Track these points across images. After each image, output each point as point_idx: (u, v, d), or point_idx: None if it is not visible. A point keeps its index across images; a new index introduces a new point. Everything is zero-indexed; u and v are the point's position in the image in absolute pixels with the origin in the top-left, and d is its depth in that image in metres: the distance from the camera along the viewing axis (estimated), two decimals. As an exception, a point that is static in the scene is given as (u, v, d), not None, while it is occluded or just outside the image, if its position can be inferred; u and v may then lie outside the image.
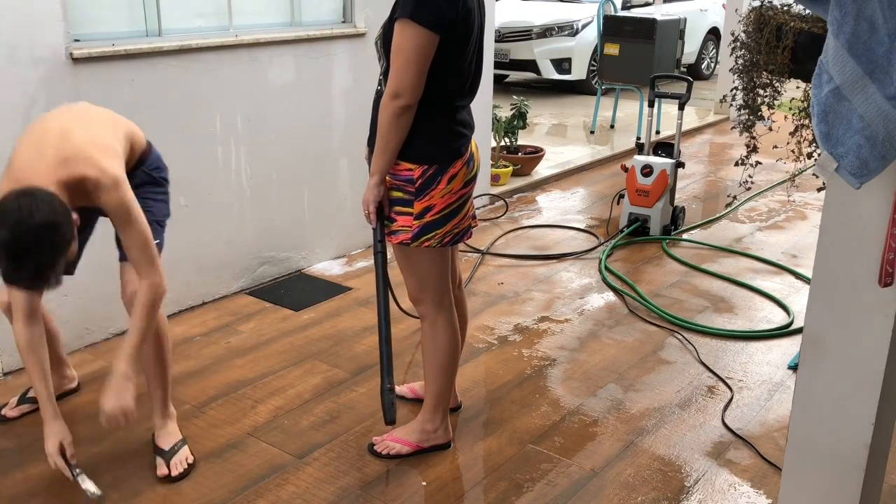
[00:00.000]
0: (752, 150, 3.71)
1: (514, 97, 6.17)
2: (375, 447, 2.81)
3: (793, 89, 3.43)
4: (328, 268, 4.45)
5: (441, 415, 2.80)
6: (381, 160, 2.52)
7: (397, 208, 2.57)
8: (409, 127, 2.42)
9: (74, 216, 2.27)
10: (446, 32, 2.34)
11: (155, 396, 2.79)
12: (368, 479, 2.68)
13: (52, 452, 2.50)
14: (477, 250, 4.70)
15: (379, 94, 2.52)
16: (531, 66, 9.66)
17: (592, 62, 9.53)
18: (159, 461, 2.70)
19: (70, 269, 2.61)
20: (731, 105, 3.81)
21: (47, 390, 2.54)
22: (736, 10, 4.77)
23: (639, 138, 6.87)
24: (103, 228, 3.49)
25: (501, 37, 9.41)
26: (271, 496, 2.59)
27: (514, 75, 10.12)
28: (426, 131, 2.47)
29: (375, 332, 3.68)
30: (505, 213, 5.42)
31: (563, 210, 5.59)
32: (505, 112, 6.06)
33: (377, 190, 2.58)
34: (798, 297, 4.09)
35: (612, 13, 8.24)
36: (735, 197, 5.23)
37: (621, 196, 5.13)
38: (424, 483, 2.67)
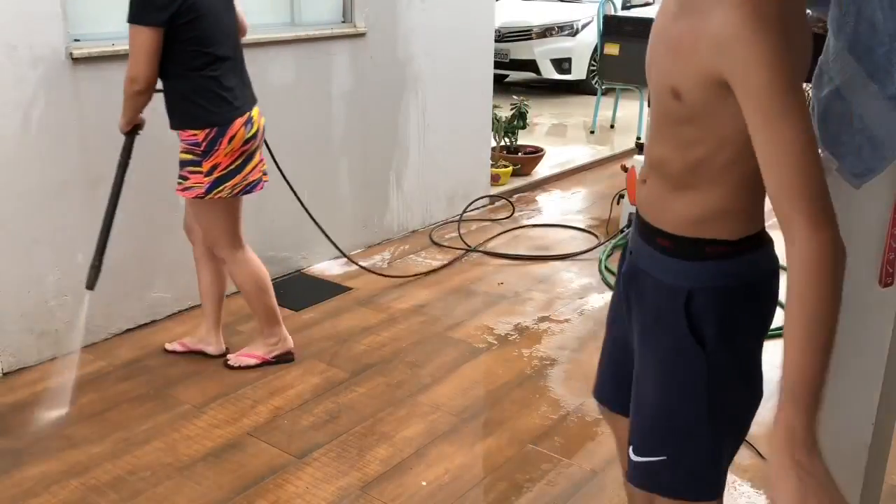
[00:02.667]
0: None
1: (514, 97, 6.17)
2: (229, 361, 3.34)
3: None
4: (328, 268, 4.45)
5: (275, 328, 3.33)
6: (124, 117, 3.00)
7: (189, 168, 2.97)
8: (146, 102, 2.93)
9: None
10: (168, 24, 2.77)
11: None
12: (368, 479, 2.68)
13: None
14: (469, 248, 4.70)
15: None
16: (531, 66, 9.66)
17: (592, 62, 9.53)
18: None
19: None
20: (731, 105, 3.81)
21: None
22: (736, 10, 4.76)
23: (639, 138, 6.86)
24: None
25: (501, 37, 9.40)
26: (271, 496, 2.59)
27: (514, 75, 10.11)
28: (195, 101, 2.91)
29: (375, 332, 3.70)
30: (512, 213, 5.40)
31: (563, 210, 5.59)
32: (505, 112, 6.06)
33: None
34: (798, 297, 4.08)
35: (612, 13, 8.23)
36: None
37: (621, 196, 5.13)
38: (424, 483, 2.67)
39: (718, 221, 1.43)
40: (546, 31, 9.59)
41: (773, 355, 3.73)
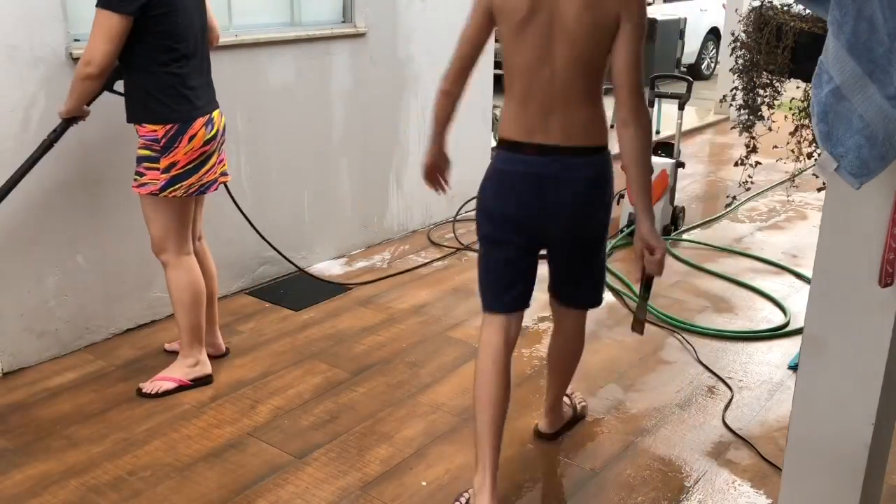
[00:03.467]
0: (752, 150, 3.71)
1: (514, 97, 6.16)
2: (144, 389, 3.13)
3: (793, 89, 3.43)
4: (328, 268, 4.45)
5: (196, 350, 3.18)
6: (69, 103, 2.93)
7: (146, 164, 2.91)
8: (96, 90, 2.87)
9: None
10: (139, 13, 2.72)
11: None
12: (368, 479, 2.68)
13: None
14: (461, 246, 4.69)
15: None
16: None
17: (592, 62, 9.51)
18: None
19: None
20: (731, 105, 3.81)
21: None
22: (736, 10, 4.77)
23: (639, 138, 6.85)
24: (103, 228, 3.50)
25: (501, 37, 9.38)
26: (271, 496, 2.59)
27: (514, 75, 10.10)
28: (158, 97, 2.85)
29: (375, 332, 3.70)
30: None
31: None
32: (505, 112, 6.04)
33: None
34: (798, 297, 4.08)
35: (612, 13, 8.22)
36: (735, 197, 5.23)
37: (621, 196, 5.13)
38: (424, 483, 2.67)
39: (601, 131, 2.32)
40: (546, 31, 9.57)
41: (773, 355, 3.71)
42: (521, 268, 2.44)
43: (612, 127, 2.28)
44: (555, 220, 2.34)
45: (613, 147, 2.28)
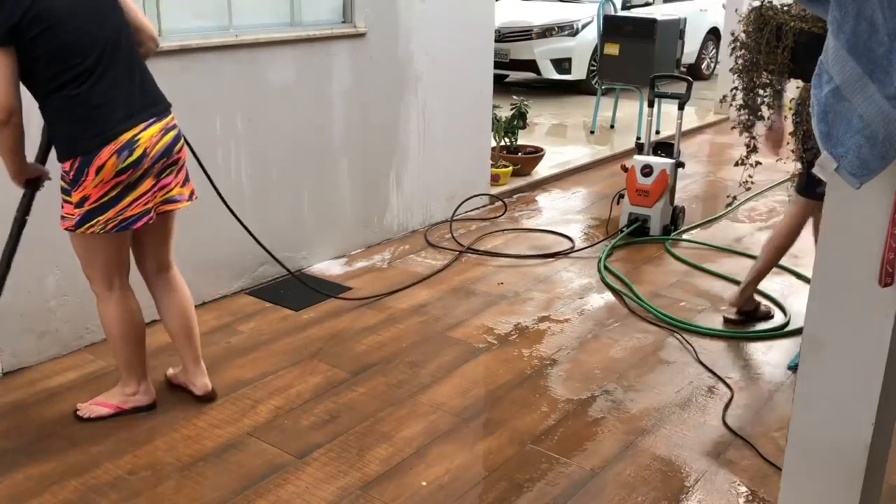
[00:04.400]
0: (752, 150, 3.70)
1: (514, 97, 6.17)
2: (79, 412, 2.98)
3: (793, 89, 3.43)
4: (328, 268, 4.45)
5: (136, 379, 2.99)
6: (6, 164, 2.65)
7: (64, 197, 2.71)
8: (17, 136, 2.53)
9: None
10: (14, 39, 2.42)
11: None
12: (368, 479, 2.68)
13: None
14: (462, 248, 4.70)
15: None
16: (531, 66, 9.66)
17: (592, 62, 9.53)
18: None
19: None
20: (731, 105, 3.80)
21: None
22: (736, 10, 4.76)
23: (639, 138, 6.86)
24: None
25: (501, 37, 9.40)
26: (271, 496, 2.59)
27: (514, 75, 10.12)
28: (59, 127, 2.61)
29: (375, 332, 3.70)
30: (504, 213, 5.41)
31: (563, 210, 5.59)
32: (505, 112, 6.05)
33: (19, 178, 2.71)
34: (798, 297, 4.08)
35: (612, 13, 8.24)
36: (735, 197, 5.22)
37: (621, 196, 5.13)
38: (424, 483, 2.67)
39: None
40: (546, 31, 9.59)
41: (773, 355, 3.71)
42: None
43: (612, 127, 2.27)
44: None
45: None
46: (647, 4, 10.81)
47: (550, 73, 9.63)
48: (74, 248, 2.79)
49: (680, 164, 5.05)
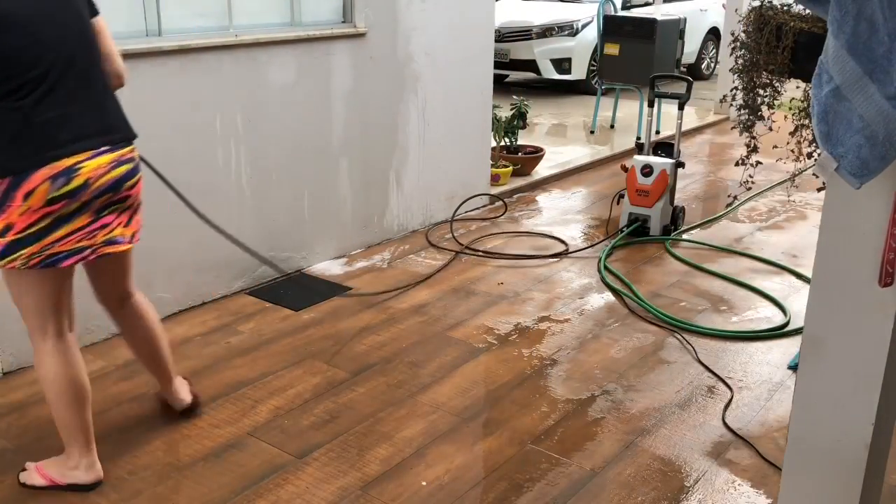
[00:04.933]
0: (752, 150, 3.70)
1: (514, 97, 6.17)
2: (20, 478, 2.60)
3: (793, 89, 3.43)
4: (328, 268, 4.45)
5: (77, 451, 2.53)
6: None
7: None
8: None
9: None
10: None
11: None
12: (368, 479, 2.68)
13: None
14: (462, 248, 4.70)
15: None
16: (531, 66, 9.66)
17: (592, 62, 9.53)
18: None
19: None
20: (731, 105, 3.81)
21: None
22: (736, 10, 4.77)
23: (639, 138, 6.87)
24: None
25: (501, 37, 9.40)
26: (271, 496, 2.59)
27: (514, 75, 10.12)
28: None
29: (375, 332, 3.69)
30: (504, 213, 5.41)
31: (563, 210, 5.59)
32: (505, 112, 6.06)
33: None
34: (798, 297, 4.09)
35: (612, 13, 8.23)
36: (735, 197, 5.23)
37: (621, 196, 5.13)
38: (424, 483, 2.67)
39: None
40: (546, 31, 9.59)
41: (773, 355, 3.72)
42: None
43: (612, 127, 2.27)
44: None
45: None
46: (647, 4, 10.82)
47: (550, 73, 9.63)
48: (5, 284, 2.45)
49: (680, 164, 5.05)
